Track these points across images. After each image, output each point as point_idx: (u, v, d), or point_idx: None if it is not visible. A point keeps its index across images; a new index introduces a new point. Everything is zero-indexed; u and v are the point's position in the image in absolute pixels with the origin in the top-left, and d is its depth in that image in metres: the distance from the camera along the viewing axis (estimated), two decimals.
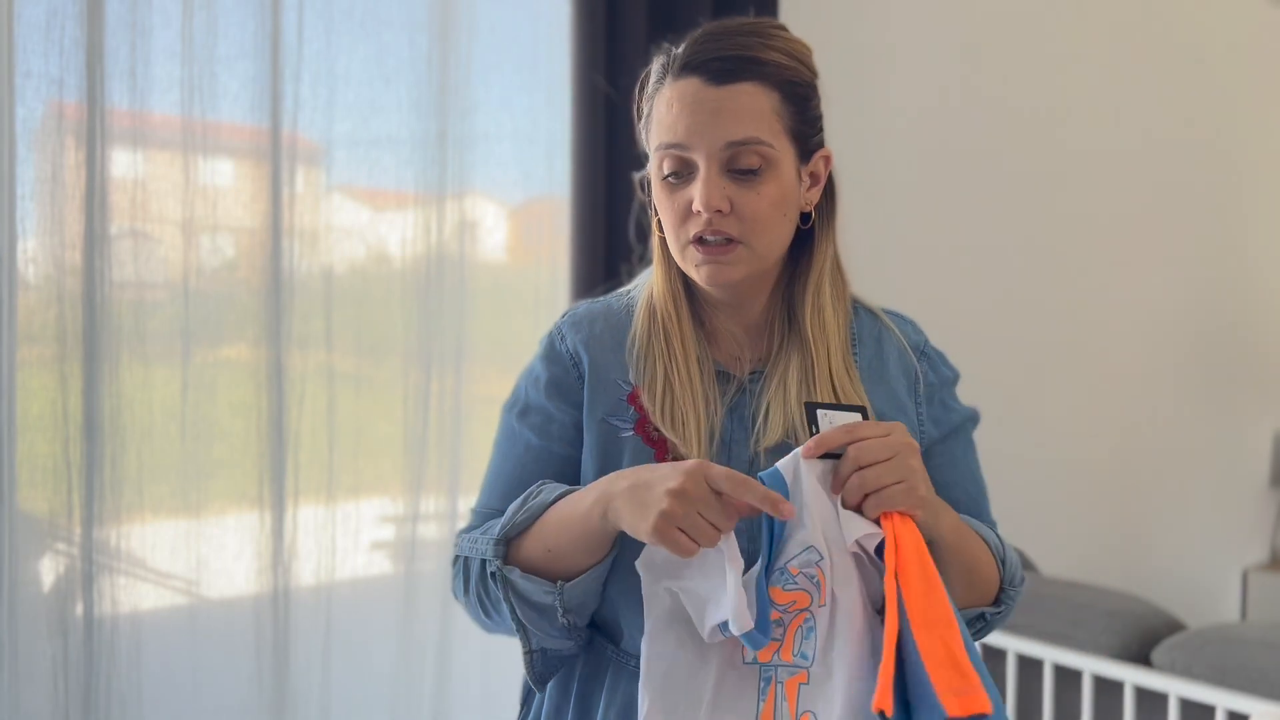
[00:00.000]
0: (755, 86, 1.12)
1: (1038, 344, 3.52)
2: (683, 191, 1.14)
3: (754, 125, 1.11)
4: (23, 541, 1.88)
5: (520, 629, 1.14)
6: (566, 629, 1.14)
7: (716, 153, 1.11)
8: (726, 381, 1.20)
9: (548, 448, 1.21)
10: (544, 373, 1.23)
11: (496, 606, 1.15)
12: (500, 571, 1.13)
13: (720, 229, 1.12)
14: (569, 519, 1.11)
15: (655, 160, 1.16)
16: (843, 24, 2.95)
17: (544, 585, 1.11)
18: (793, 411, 1.16)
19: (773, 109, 1.13)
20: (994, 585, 1.19)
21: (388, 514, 2.30)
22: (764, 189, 1.13)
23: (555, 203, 2.45)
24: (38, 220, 1.87)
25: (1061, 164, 3.57)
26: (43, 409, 1.88)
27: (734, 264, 1.14)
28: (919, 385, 1.23)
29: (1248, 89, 4.23)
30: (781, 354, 1.20)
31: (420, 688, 2.28)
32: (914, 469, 1.04)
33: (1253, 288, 4.36)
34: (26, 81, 1.83)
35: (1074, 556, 3.52)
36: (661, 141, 1.14)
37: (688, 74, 1.13)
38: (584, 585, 1.12)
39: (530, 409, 1.23)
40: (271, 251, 2.09)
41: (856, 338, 1.23)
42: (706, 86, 1.11)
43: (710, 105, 1.11)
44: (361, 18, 2.18)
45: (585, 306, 1.28)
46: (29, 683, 1.87)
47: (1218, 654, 2.13)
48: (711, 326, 1.23)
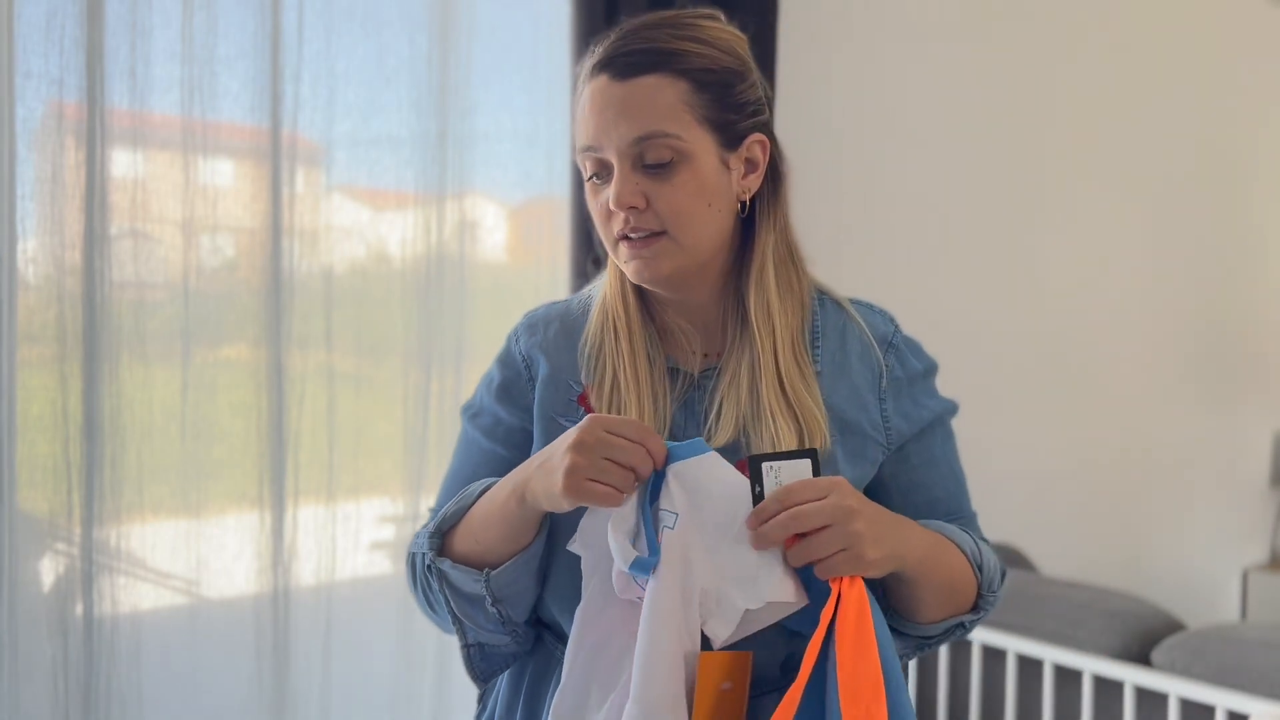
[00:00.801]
0: (659, 79, 1.10)
1: (1038, 344, 3.52)
2: (604, 191, 1.13)
3: (658, 119, 1.09)
4: (23, 541, 1.88)
5: (456, 622, 1.15)
6: (500, 621, 1.13)
7: (626, 149, 1.10)
8: (678, 378, 1.18)
9: (494, 450, 1.22)
10: (497, 375, 1.24)
11: (436, 600, 1.16)
12: (434, 563, 1.14)
13: (640, 225, 1.11)
14: (491, 510, 1.11)
15: (580, 163, 1.16)
16: (841, 21, 2.95)
17: (472, 574, 1.11)
18: (744, 407, 1.14)
19: (680, 99, 1.10)
20: (972, 593, 1.17)
21: (388, 514, 2.30)
22: (679, 180, 1.11)
23: (555, 203, 2.45)
24: (38, 220, 1.87)
25: (1063, 163, 3.56)
26: (43, 409, 1.88)
27: (660, 257, 1.12)
28: (883, 380, 1.19)
29: (1248, 88, 4.23)
30: (734, 349, 1.17)
31: (420, 688, 2.28)
32: (857, 534, 1.00)
33: (1253, 288, 4.36)
34: (26, 81, 1.83)
35: (1074, 556, 3.52)
36: (580, 144, 1.14)
37: (598, 72, 1.12)
38: (511, 573, 1.11)
39: (482, 412, 1.24)
40: (271, 251, 2.09)
41: (819, 330, 1.19)
42: (612, 83, 1.11)
43: (615, 103, 1.10)
44: (361, 18, 2.18)
45: (544, 309, 1.28)
46: (29, 683, 1.87)
47: (1218, 654, 2.13)
48: (663, 323, 1.21)
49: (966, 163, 3.28)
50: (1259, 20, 4.24)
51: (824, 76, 2.86)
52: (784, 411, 1.13)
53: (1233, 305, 4.27)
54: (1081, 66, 3.60)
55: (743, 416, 1.14)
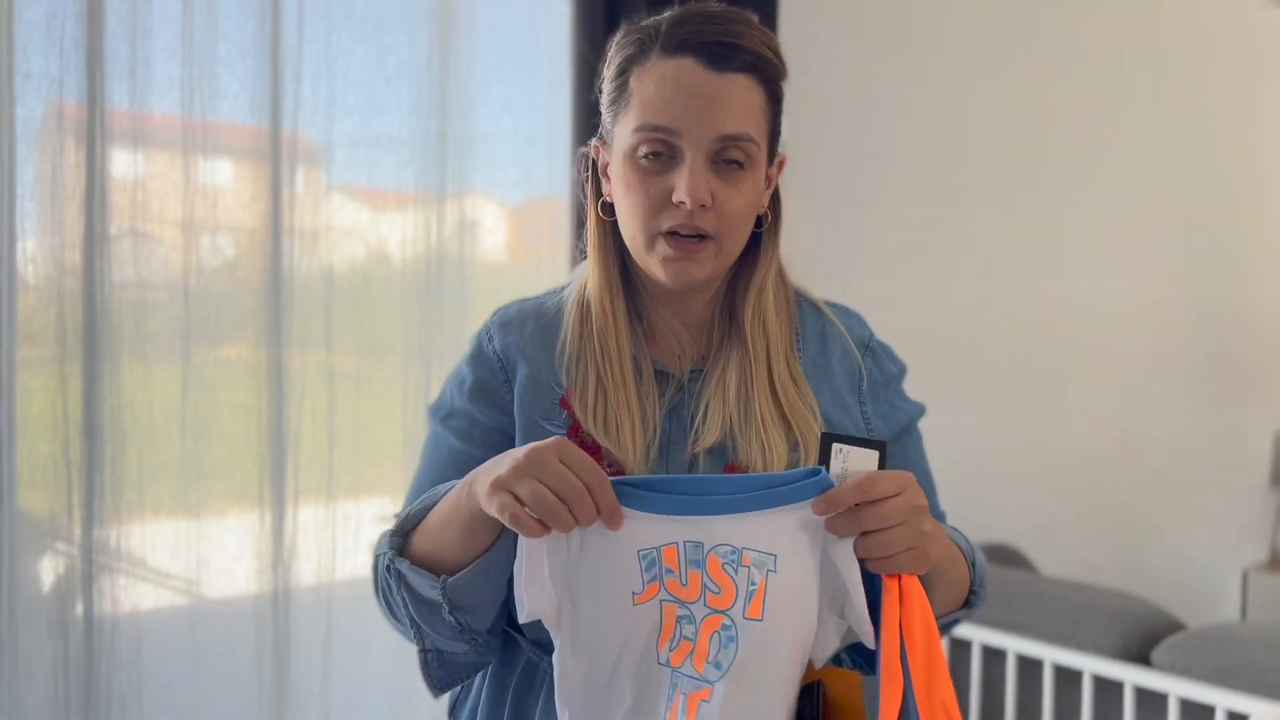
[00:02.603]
0: (750, 80, 1.07)
1: (1038, 344, 3.52)
2: (660, 178, 1.07)
3: (747, 120, 1.07)
4: (23, 541, 1.88)
5: (414, 626, 1.09)
6: (457, 629, 1.07)
7: (706, 143, 1.05)
8: (665, 381, 1.15)
9: (469, 452, 1.15)
10: (470, 375, 1.18)
11: (395, 603, 1.10)
12: (393, 564, 1.08)
13: (699, 224, 1.07)
14: (447, 509, 1.05)
15: (630, 140, 1.08)
16: (839, 20, 2.95)
17: (429, 579, 1.04)
18: (731, 410, 1.11)
19: (760, 106, 1.09)
20: (966, 589, 1.17)
21: (388, 514, 2.30)
22: (744, 187, 1.08)
23: (555, 203, 2.45)
24: (38, 220, 1.87)
25: (1064, 163, 3.56)
26: (43, 409, 1.88)
27: (704, 262, 1.09)
28: (863, 382, 1.19)
29: (1248, 89, 4.23)
30: (722, 352, 1.15)
31: (420, 688, 2.25)
32: (926, 535, 0.98)
33: (1254, 288, 4.36)
34: (26, 81, 1.83)
35: (1074, 556, 3.52)
36: (646, 121, 1.06)
37: (681, 53, 1.06)
38: (469, 581, 1.04)
39: (454, 413, 1.18)
40: (271, 251, 2.09)
41: (800, 334, 1.19)
42: (704, 70, 1.05)
43: (707, 92, 1.05)
44: (361, 18, 2.17)
45: (516, 306, 1.22)
46: (29, 683, 1.87)
47: (1218, 654, 2.13)
48: (651, 323, 1.17)
49: (968, 163, 3.28)
50: (1260, 21, 4.24)
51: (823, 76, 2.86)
52: (775, 417, 1.12)
53: (1233, 305, 4.27)
54: (1083, 67, 3.60)
55: (730, 418, 1.12)
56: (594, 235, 1.18)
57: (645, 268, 1.13)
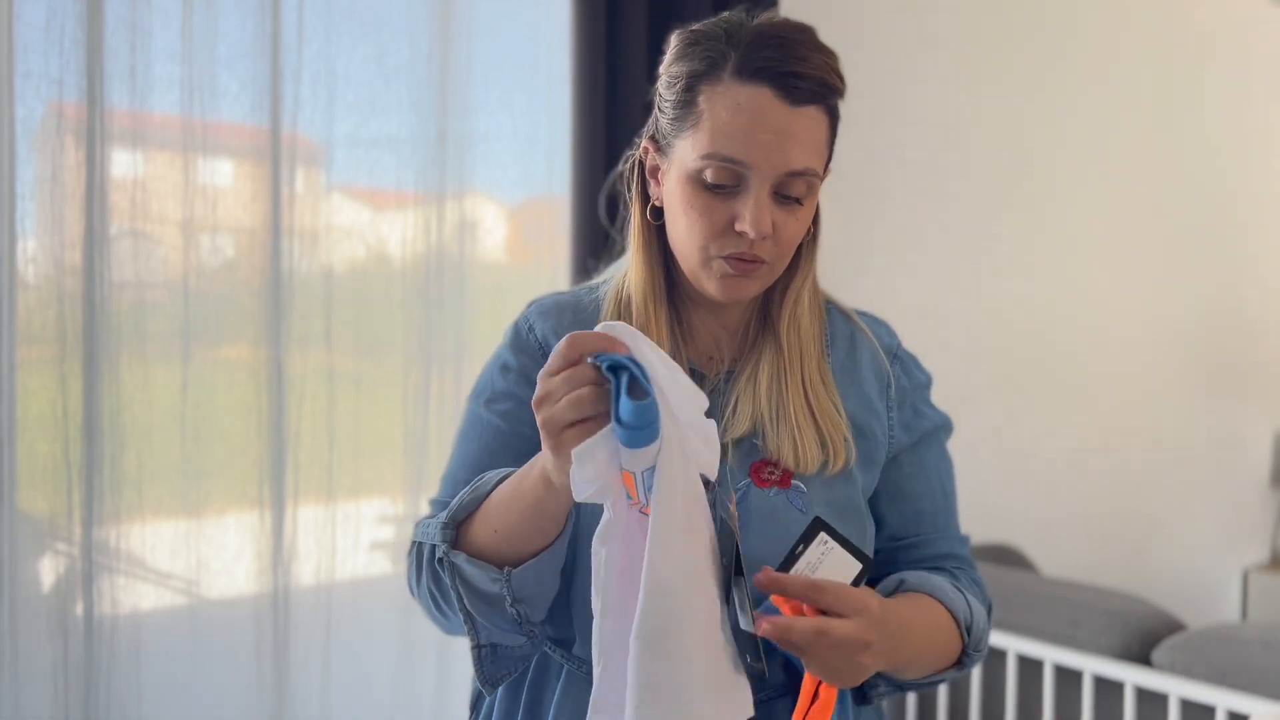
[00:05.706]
0: (818, 112, 1.07)
1: (1038, 344, 3.52)
2: (723, 204, 1.07)
3: (813, 154, 1.07)
4: (23, 541, 1.88)
5: (469, 620, 1.07)
6: (517, 621, 1.05)
7: (774, 177, 1.06)
8: (699, 381, 1.16)
9: (517, 430, 1.15)
10: (513, 361, 1.18)
11: (446, 598, 1.08)
12: (446, 556, 1.05)
13: (759, 253, 1.08)
14: (513, 494, 1.02)
15: (697, 163, 1.07)
16: (840, 20, 2.95)
17: (490, 572, 1.03)
18: (762, 407, 1.13)
19: (825, 137, 1.09)
20: (955, 654, 1.16)
21: (388, 514, 2.30)
22: (802, 214, 1.10)
23: (555, 202, 2.45)
24: (38, 220, 1.87)
25: (1065, 164, 3.56)
26: (43, 409, 1.88)
27: (758, 280, 1.11)
28: (891, 389, 1.21)
29: (1249, 89, 4.23)
30: (754, 352, 1.17)
31: (420, 688, 2.28)
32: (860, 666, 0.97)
33: (1254, 288, 4.36)
34: (26, 81, 1.83)
35: (1074, 556, 3.52)
36: (718, 151, 1.05)
37: (760, 81, 1.04)
38: (534, 572, 1.03)
39: (498, 395, 1.18)
40: (271, 251, 2.09)
41: (829, 340, 1.21)
42: (779, 103, 1.04)
43: (779, 126, 1.04)
44: (361, 18, 2.18)
45: (553, 298, 1.23)
46: (29, 683, 1.87)
47: (1218, 654, 2.13)
48: (690, 325, 1.19)
49: (968, 163, 3.28)
50: (1260, 22, 4.24)
51: None
52: (806, 415, 1.13)
53: (1233, 305, 4.27)
54: (1084, 67, 3.60)
55: (760, 414, 1.13)
56: (638, 237, 1.17)
57: (695, 281, 1.13)
